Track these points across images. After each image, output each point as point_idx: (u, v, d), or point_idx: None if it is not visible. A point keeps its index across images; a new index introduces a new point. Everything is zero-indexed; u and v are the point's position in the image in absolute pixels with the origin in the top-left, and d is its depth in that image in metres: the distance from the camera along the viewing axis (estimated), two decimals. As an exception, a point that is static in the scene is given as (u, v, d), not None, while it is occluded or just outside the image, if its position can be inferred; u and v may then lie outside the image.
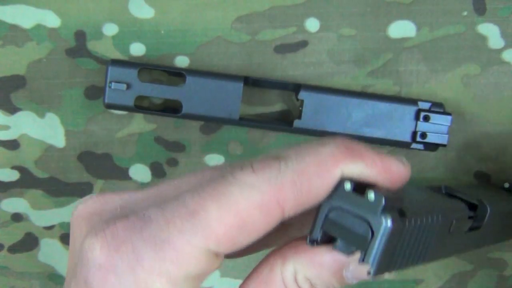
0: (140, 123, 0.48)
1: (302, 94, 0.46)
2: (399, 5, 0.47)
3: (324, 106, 0.46)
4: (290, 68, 0.48)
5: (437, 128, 0.47)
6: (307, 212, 0.32)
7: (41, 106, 0.48)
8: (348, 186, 0.30)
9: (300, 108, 0.46)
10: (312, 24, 0.47)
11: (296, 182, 0.29)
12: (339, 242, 0.31)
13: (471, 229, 0.39)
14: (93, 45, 0.47)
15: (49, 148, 0.48)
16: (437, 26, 0.48)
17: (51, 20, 0.46)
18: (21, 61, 0.47)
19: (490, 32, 0.48)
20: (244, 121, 0.46)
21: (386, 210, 0.29)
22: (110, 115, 0.48)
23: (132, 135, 0.48)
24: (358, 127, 0.46)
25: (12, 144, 0.48)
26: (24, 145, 0.48)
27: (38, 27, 0.46)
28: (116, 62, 0.45)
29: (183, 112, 0.45)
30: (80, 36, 0.47)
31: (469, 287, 0.52)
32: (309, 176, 0.30)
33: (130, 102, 0.45)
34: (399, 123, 0.47)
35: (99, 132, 0.48)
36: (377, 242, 0.29)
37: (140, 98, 0.46)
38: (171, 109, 0.46)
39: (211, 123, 0.48)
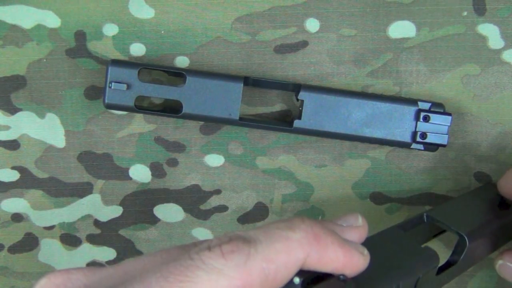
0: (140, 123, 0.48)
1: (302, 94, 0.46)
2: (399, 5, 0.47)
3: (324, 106, 0.46)
4: (290, 68, 0.48)
5: (437, 128, 0.47)
6: None
7: (41, 106, 0.48)
8: (296, 280, 0.31)
9: (300, 108, 0.46)
10: (312, 24, 0.47)
11: (265, 270, 0.29)
12: None
13: (449, 263, 0.40)
14: (93, 45, 0.47)
15: (49, 148, 0.48)
16: (437, 26, 0.48)
17: (51, 20, 0.46)
18: (21, 61, 0.47)
19: (490, 32, 0.48)
20: (244, 121, 0.46)
21: None
22: (110, 115, 0.48)
23: (132, 135, 0.48)
24: (358, 127, 0.46)
25: (12, 144, 0.48)
26: (24, 145, 0.48)
27: (38, 27, 0.46)
28: (116, 62, 0.45)
29: (183, 112, 0.45)
30: (80, 36, 0.47)
31: (469, 287, 0.52)
32: (277, 264, 0.30)
33: (130, 102, 0.45)
34: (399, 123, 0.47)
35: (99, 132, 0.48)
36: None
37: (140, 98, 0.46)
38: (171, 109, 0.46)
39: (211, 123, 0.48)
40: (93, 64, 0.47)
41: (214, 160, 0.49)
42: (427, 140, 0.46)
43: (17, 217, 0.49)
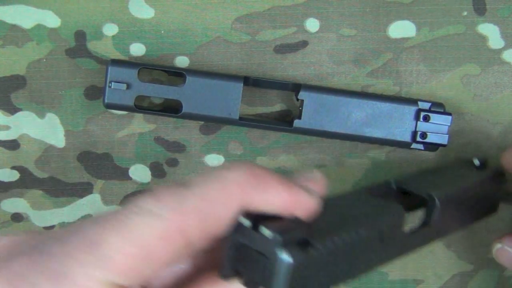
0: (140, 123, 0.48)
1: (302, 94, 0.46)
2: (399, 5, 0.47)
3: (324, 106, 0.46)
4: (290, 68, 0.48)
5: (437, 128, 0.47)
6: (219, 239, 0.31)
7: (41, 106, 0.48)
8: (246, 222, 0.30)
9: (300, 108, 0.46)
10: (312, 24, 0.47)
11: (201, 209, 0.29)
12: (246, 278, 0.30)
13: (423, 224, 0.39)
14: (93, 45, 0.47)
15: (49, 148, 0.48)
16: (437, 26, 0.48)
17: (51, 20, 0.46)
18: (21, 61, 0.47)
19: (490, 32, 0.48)
20: (244, 121, 0.46)
21: (283, 246, 0.29)
22: (110, 115, 0.48)
23: (132, 135, 0.48)
24: (358, 127, 0.46)
25: (12, 144, 0.48)
26: (24, 145, 0.48)
27: (38, 27, 0.46)
28: (116, 62, 0.45)
29: (183, 112, 0.45)
30: (80, 36, 0.47)
31: (469, 287, 0.52)
32: (212, 202, 0.29)
33: (130, 102, 0.45)
34: (399, 123, 0.47)
35: (99, 132, 0.48)
36: (279, 279, 0.29)
37: (140, 98, 0.46)
38: (171, 109, 0.46)
39: (211, 123, 0.48)
40: (93, 64, 0.47)
41: (214, 160, 0.49)
42: (427, 140, 0.46)
43: (17, 217, 0.49)
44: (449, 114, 0.46)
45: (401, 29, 0.48)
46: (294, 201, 0.31)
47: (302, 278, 0.29)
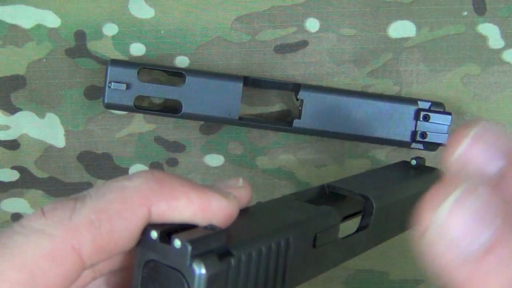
0: (140, 123, 0.48)
1: (302, 94, 0.46)
2: (399, 5, 0.47)
3: (324, 106, 0.46)
4: (290, 68, 0.48)
5: (437, 128, 0.46)
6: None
7: (41, 106, 0.48)
8: (154, 234, 0.27)
9: (300, 108, 0.46)
10: (312, 24, 0.47)
11: (94, 222, 0.26)
12: None
13: (360, 228, 0.36)
14: (93, 45, 0.47)
15: (49, 148, 0.48)
16: (437, 26, 0.48)
17: (51, 20, 0.46)
18: (21, 61, 0.47)
19: (490, 32, 0.48)
20: (244, 121, 0.46)
21: (195, 256, 0.26)
22: (110, 115, 0.48)
23: (132, 135, 0.48)
24: (358, 127, 0.46)
25: (12, 144, 0.48)
26: (24, 145, 0.48)
27: (38, 27, 0.46)
28: (115, 62, 0.45)
29: (183, 112, 0.45)
30: (80, 36, 0.47)
31: None
32: (110, 214, 0.26)
33: (130, 102, 0.45)
34: (399, 122, 0.47)
35: (99, 132, 0.48)
36: None
37: (140, 98, 0.46)
38: (171, 109, 0.46)
39: (211, 123, 0.48)
40: (93, 64, 0.47)
41: (214, 160, 0.49)
42: (427, 140, 0.46)
43: (17, 217, 0.49)
44: (449, 113, 0.46)
45: (401, 29, 0.48)
46: (208, 207, 0.28)
47: None
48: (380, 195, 0.37)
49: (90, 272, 0.29)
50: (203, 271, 0.26)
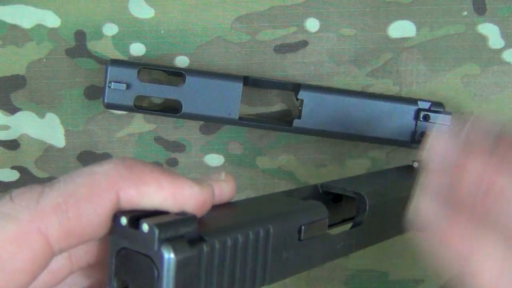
0: (140, 123, 0.48)
1: (302, 94, 0.46)
2: (399, 5, 0.47)
3: (324, 105, 0.46)
4: (290, 68, 0.48)
5: (437, 128, 0.46)
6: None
7: (41, 106, 0.48)
8: (123, 220, 0.26)
9: (300, 108, 0.46)
10: (312, 24, 0.47)
11: (61, 205, 0.26)
12: None
13: (353, 225, 0.36)
14: (93, 45, 0.47)
15: (49, 148, 0.48)
16: (437, 26, 0.48)
17: (51, 20, 0.46)
18: (21, 61, 0.47)
19: (490, 32, 0.48)
20: (244, 121, 0.46)
21: (164, 240, 0.25)
22: (110, 115, 0.48)
23: (132, 135, 0.48)
24: (358, 127, 0.46)
25: (12, 144, 0.48)
26: (24, 145, 0.48)
27: (38, 27, 0.46)
28: (115, 62, 0.45)
29: (183, 112, 0.45)
30: (80, 36, 0.47)
31: None
32: (77, 198, 0.26)
33: (130, 102, 0.45)
34: (399, 122, 0.47)
35: (99, 132, 0.48)
36: (163, 280, 0.25)
37: (140, 98, 0.46)
38: (171, 109, 0.46)
39: (211, 123, 0.48)
40: (93, 64, 0.47)
41: (214, 160, 0.49)
42: (427, 140, 0.46)
43: (17, 217, 0.49)
44: (449, 113, 0.46)
45: (401, 29, 0.48)
46: (179, 193, 0.27)
47: (194, 278, 0.26)
48: (374, 193, 0.37)
49: (67, 263, 0.29)
50: (172, 255, 0.25)
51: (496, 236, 0.27)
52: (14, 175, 0.49)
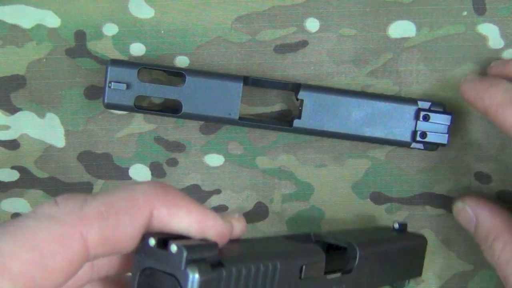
0: (140, 123, 0.48)
1: (302, 94, 0.46)
2: (399, 5, 0.47)
3: (323, 106, 0.46)
4: (290, 68, 0.48)
5: (437, 128, 0.46)
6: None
7: (41, 106, 0.48)
8: (152, 241, 0.28)
9: (300, 108, 0.46)
10: (312, 24, 0.47)
11: (103, 214, 0.28)
12: None
13: (344, 272, 0.38)
14: (93, 45, 0.47)
15: (49, 148, 0.48)
16: (437, 26, 0.48)
17: (51, 20, 0.46)
18: (21, 61, 0.47)
19: (490, 32, 0.48)
20: (244, 121, 0.46)
21: (191, 261, 0.27)
22: (110, 115, 0.48)
23: (132, 135, 0.48)
24: (358, 127, 0.46)
25: (12, 144, 0.48)
26: (24, 145, 0.48)
27: (38, 27, 0.46)
28: (115, 62, 0.45)
29: (183, 112, 0.45)
30: (80, 36, 0.47)
31: (469, 287, 0.52)
32: (117, 209, 0.28)
33: (130, 102, 0.45)
34: (399, 122, 0.47)
35: (99, 132, 0.48)
36: None
37: (140, 98, 0.46)
38: (171, 109, 0.46)
39: (211, 123, 0.48)
40: (93, 64, 0.47)
41: (214, 160, 0.49)
42: (427, 140, 0.46)
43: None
44: (449, 113, 0.46)
45: (401, 29, 0.48)
46: (204, 221, 0.30)
47: None
48: (363, 244, 0.40)
49: (89, 270, 0.31)
50: (197, 275, 0.27)
51: None
52: (14, 175, 0.49)
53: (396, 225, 0.47)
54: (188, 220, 0.30)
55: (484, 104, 0.42)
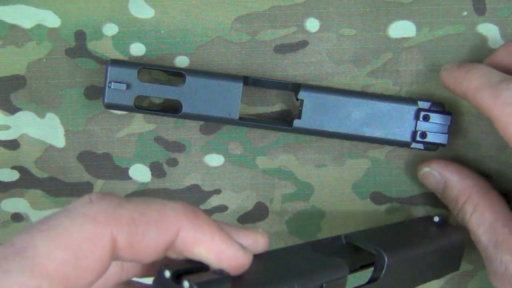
0: (140, 123, 0.48)
1: (302, 94, 0.46)
2: (399, 5, 0.47)
3: (324, 106, 0.46)
4: (290, 68, 0.48)
5: (437, 128, 0.46)
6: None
7: (41, 106, 0.48)
8: (167, 274, 0.29)
9: (300, 108, 0.46)
10: (312, 24, 0.47)
11: (135, 220, 0.28)
12: None
13: (370, 281, 0.38)
14: (93, 45, 0.47)
15: (49, 148, 0.48)
16: (437, 26, 0.48)
17: (51, 20, 0.46)
18: (21, 61, 0.47)
19: (490, 32, 0.48)
20: (244, 121, 0.46)
21: None
22: (110, 115, 0.48)
23: (132, 135, 0.48)
24: (358, 127, 0.46)
25: (12, 144, 0.48)
26: (24, 145, 0.48)
27: (38, 27, 0.46)
28: (115, 62, 0.45)
29: (183, 112, 0.45)
30: (80, 36, 0.47)
31: (469, 287, 0.52)
32: (148, 219, 0.29)
33: (130, 102, 0.45)
34: (399, 122, 0.47)
35: (99, 132, 0.48)
36: None
37: (140, 98, 0.46)
38: (171, 109, 0.46)
39: (211, 123, 0.48)
40: (93, 64, 0.47)
41: (214, 160, 0.49)
42: (427, 140, 0.46)
43: (17, 217, 0.49)
44: (449, 113, 0.46)
45: (401, 29, 0.48)
46: (225, 253, 0.30)
47: None
48: (393, 251, 0.39)
49: (119, 271, 0.32)
50: None
51: None
52: (14, 175, 0.49)
53: (436, 219, 0.46)
54: (209, 249, 0.30)
55: (463, 89, 0.43)
